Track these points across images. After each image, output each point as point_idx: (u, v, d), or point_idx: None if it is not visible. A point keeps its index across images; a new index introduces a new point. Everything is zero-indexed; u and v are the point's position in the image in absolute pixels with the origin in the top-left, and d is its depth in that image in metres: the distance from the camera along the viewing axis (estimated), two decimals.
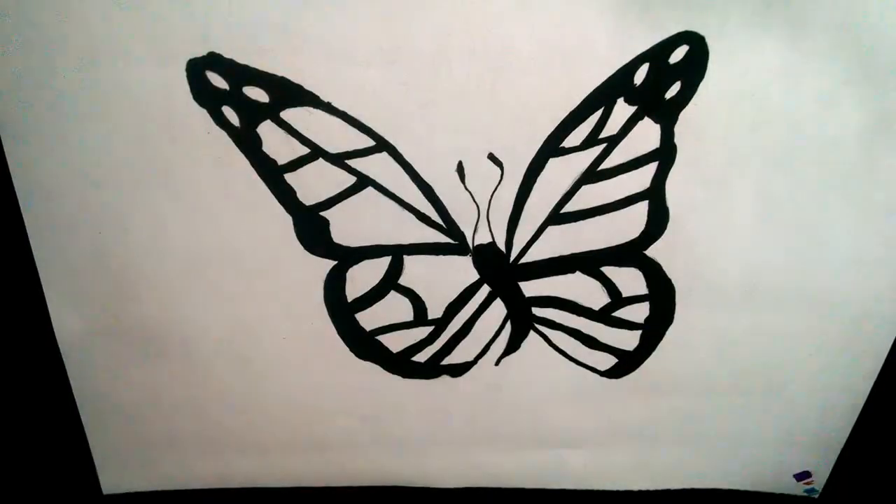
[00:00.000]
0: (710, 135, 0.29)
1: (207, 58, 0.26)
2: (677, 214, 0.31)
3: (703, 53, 0.27)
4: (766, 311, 0.33)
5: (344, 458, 0.36)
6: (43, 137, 0.27)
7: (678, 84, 0.28)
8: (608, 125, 0.29)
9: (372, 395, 0.34)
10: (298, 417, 0.34)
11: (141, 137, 0.27)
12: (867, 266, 0.32)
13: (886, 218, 0.30)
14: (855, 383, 0.35)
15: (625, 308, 0.33)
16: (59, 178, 0.28)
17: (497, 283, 0.32)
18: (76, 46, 0.25)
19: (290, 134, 0.28)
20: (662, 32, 0.27)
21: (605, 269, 0.32)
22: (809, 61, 0.28)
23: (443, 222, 0.30)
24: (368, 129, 0.28)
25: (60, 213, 0.28)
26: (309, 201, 0.29)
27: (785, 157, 0.29)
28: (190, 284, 0.30)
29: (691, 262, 0.32)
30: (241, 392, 0.33)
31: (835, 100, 0.28)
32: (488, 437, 0.36)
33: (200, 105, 0.27)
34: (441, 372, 0.34)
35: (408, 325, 0.33)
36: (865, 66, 0.28)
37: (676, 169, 0.30)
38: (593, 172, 0.30)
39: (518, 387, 0.35)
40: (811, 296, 0.32)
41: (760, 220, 0.31)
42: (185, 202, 0.29)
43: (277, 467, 0.36)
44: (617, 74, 0.28)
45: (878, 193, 0.30)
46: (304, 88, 0.27)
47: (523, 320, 0.33)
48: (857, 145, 0.29)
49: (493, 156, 0.29)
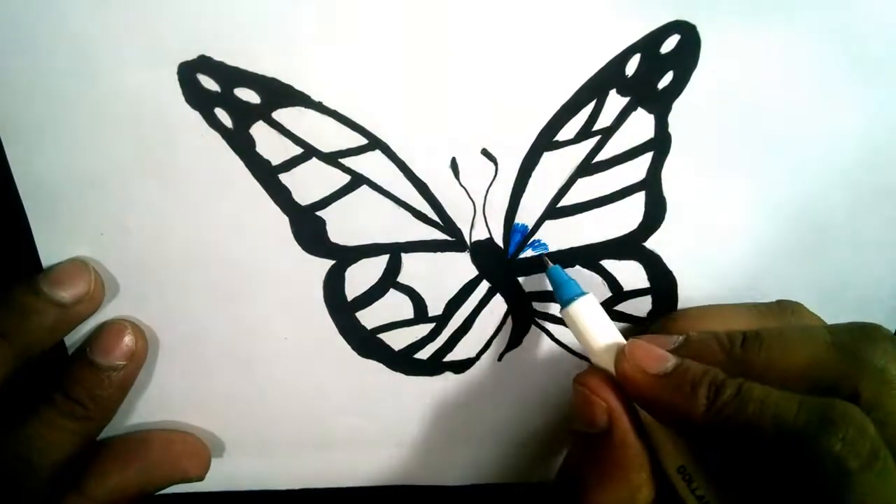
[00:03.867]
0: (705, 123, 0.29)
1: (198, 60, 0.26)
2: (675, 204, 0.30)
3: (695, 42, 0.27)
4: (768, 299, 0.32)
5: (349, 458, 0.36)
6: (44, 141, 0.27)
7: (670, 74, 0.28)
8: (601, 117, 0.29)
9: (375, 394, 0.34)
10: (302, 417, 0.34)
11: (139, 139, 0.28)
12: (867, 251, 0.31)
13: (886, 202, 0.30)
14: None
15: (627, 302, 0.33)
16: (61, 180, 0.28)
17: (496, 279, 0.32)
18: (70, 51, 0.26)
19: (282, 134, 0.28)
20: (653, 22, 0.27)
21: (604, 262, 0.32)
22: (804, 46, 0.27)
23: (439, 219, 0.30)
24: (360, 127, 0.28)
25: (63, 215, 0.29)
26: (304, 201, 0.29)
27: (781, 143, 0.29)
28: (191, 285, 0.31)
29: (691, 253, 0.32)
30: (243, 393, 0.33)
31: (831, 85, 0.28)
32: (493, 433, 0.36)
33: (193, 107, 0.27)
34: (444, 369, 0.34)
35: (408, 322, 0.33)
36: (862, 50, 0.28)
37: (672, 159, 0.29)
38: (588, 165, 0.30)
39: (522, 382, 0.35)
40: (812, 282, 0.32)
41: (759, 208, 0.30)
42: (184, 203, 0.29)
43: (283, 468, 0.36)
44: (608, 66, 0.28)
45: (877, 178, 0.30)
46: (295, 88, 0.27)
47: (524, 315, 0.33)
48: (854, 130, 0.29)
49: (486, 151, 0.29)
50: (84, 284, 0.28)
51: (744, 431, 0.24)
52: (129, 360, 0.30)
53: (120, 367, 0.30)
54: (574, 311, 0.29)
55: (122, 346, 0.30)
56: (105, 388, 0.29)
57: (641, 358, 0.27)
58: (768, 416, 0.24)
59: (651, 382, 0.26)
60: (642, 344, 0.27)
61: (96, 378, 0.29)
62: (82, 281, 0.28)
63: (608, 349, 0.28)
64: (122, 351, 0.30)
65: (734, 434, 0.24)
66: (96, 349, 0.30)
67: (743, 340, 0.27)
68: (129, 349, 0.30)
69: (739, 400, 0.24)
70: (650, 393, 0.26)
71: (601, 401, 0.28)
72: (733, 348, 0.27)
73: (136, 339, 0.30)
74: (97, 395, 0.29)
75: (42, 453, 0.28)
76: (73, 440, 0.29)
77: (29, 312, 0.28)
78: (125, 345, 0.30)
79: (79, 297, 0.28)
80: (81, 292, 0.28)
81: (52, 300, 0.28)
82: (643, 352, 0.27)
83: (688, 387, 0.25)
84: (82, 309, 0.29)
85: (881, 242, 0.31)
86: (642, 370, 0.26)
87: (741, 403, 0.24)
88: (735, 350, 0.27)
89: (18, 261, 0.29)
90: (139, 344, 0.30)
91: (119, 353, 0.30)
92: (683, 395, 0.25)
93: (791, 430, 0.23)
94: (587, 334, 0.29)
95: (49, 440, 0.28)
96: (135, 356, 0.30)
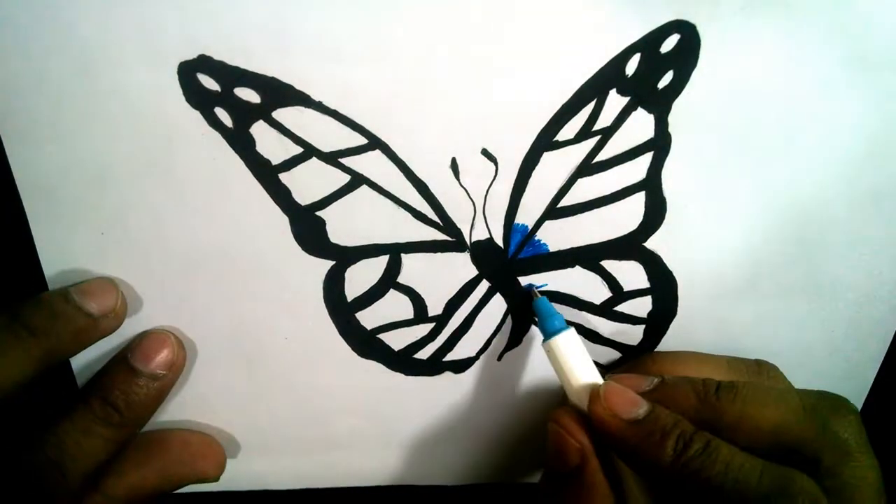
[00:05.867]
0: (705, 123, 0.29)
1: (198, 60, 0.26)
2: (675, 205, 0.30)
3: (695, 42, 0.27)
4: (769, 299, 0.32)
5: (349, 458, 0.36)
6: (44, 141, 0.27)
7: (670, 73, 0.28)
8: (601, 117, 0.29)
9: (376, 394, 0.34)
10: (303, 418, 0.34)
11: (139, 140, 0.28)
12: (869, 249, 0.31)
13: (885, 202, 0.30)
14: (860, 368, 0.35)
15: (627, 302, 0.33)
16: (61, 180, 0.28)
17: (496, 279, 0.32)
18: (70, 51, 0.26)
19: (282, 134, 0.28)
20: (653, 22, 0.27)
21: (605, 262, 0.32)
22: (804, 46, 0.27)
23: (439, 220, 0.30)
24: (360, 126, 0.28)
25: (63, 215, 0.29)
26: (304, 201, 0.29)
27: (782, 142, 0.29)
28: (190, 285, 0.31)
29: (692, 253, 0.31)
30: (244, 393, 0.33)
31: (831, 84, 0.28)
32: (493, 433, 0.36)
33: (193, 107, 0.27)
34: (443, 369, 0.34)
35: (408, 322, 0.33)
36: (862, 49, 0.28)
37: (672, 159, 0.29)
38: (588, 165, 0.30)
39: (521, 381, 0.35)
40: (813, 281, 0.32)
41: (759, 207, 0.30)
42: (185, 203, 0.29)
43: (283, 468, 0.36)
44: (608, 65, 0.28)
45: (878, 176, 0.30)
46: (295, 88, 0.27)
47: (524, 315, 0.33)
48: (854, 129, 0.29)
49: (486, 151, 0.29)
50: (112, 299, 0.29)
51: (706, 488, 0.25)
52: (169, 370, 0.30)
53: (160, 376, 0.30)
54: (554, 345, 0.30)
55: (163, 354, 0.30)
56: (142, 395, 0.30)
57: (614, 402, 0.27)
58: (731, 479, 0.25)
59: (622, 427, 0.27)
60: (616, 387, 0.28)
61: (135, 384, 0.30)
62: (111, 296, 0.29)
63: (584, 388, 0.29)
64: (163, 360, 0.30)
65: (697, 488, 0.25)
66: (138, 355, 0.30)
67: (717, 388, 0.27)
68: (169, 359, 0.30)
69: (706, 456, 0.25)
70: (620, 437, 0.27)
71: (575, 443, 0.28)
72: (707, 395, 0.27)
73: (178, 350, 0.31)
74: (134, 401, 0.30)
75: (75, 459, 0.29)
76: (107, 447, 0.30)
77: (59, 316, 0.28)
78: (166, 355, 0.30)
79: (106, 311, 0.29)
80: (109, 307, 0.29)
81: (82, 309, 0.28)
82: (617, 395, 0.27)
83: (657, 435, 0.26)
84: (107, 324, 0.29)
85: (881, 242, 0.31)
86: (614, 414, 0.27)
87: (707, 460, 0.25)
88: (709, 397, 0.27)
89: (18, 261, 0.29)
90: (179, 355, 0.31)
91: (160, 361, 0.30)
92: (652, 444, 0.26)
93: (751, 497, 0.24)
94: (565, 370, 0.29)
95: (83, 446, 0.29)
96: (174, 367, 0.31)
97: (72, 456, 0.28)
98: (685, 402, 0.27)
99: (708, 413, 0.27)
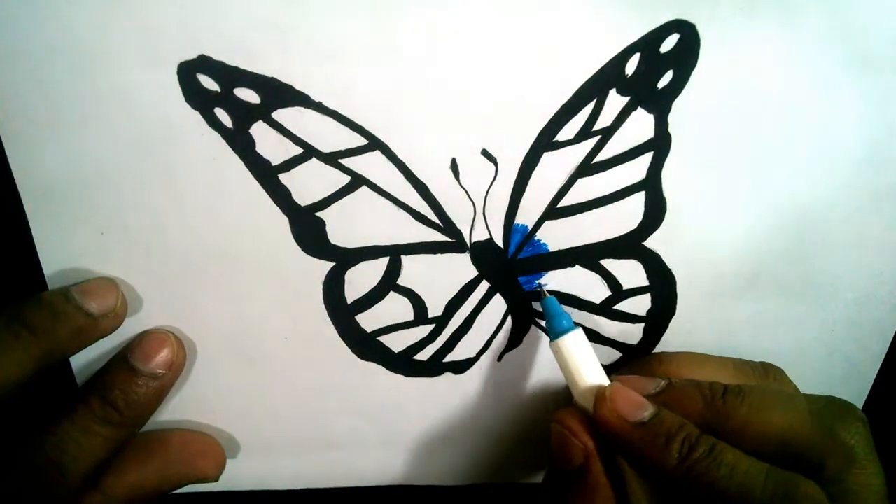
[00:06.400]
0: (705, 123, 0.29)
1: (198, 60, 0.26)
2: (674, 204, 0.30)
3: (695, 42, 0.27)
4: (769, 298, 0.32)
5: (349, 458, 0.36)
6: (44, 141, 0.27)
7: (670, 73, 0.28)
8: (601, 117, 0.29)
9: (376, 395, 0.34)
10: (303, 418, 0.34)
11: (139, 140, 0.28)
12: (868, 248, 0.31)
13: (885, 202, 0.30)
14: (860, 368, 0.35)
15: (626, 301, 0.33)
16: (61, 180, 0.28)
17: (496, 280, 0.32)
18: (70, 51, 0.26)
19: (282, 134, 0.28)
20: (653, 21, 0.27)
21: (604, 262, 0.32)
22: (803, 46, 0.27)
23: (439, 220, 0.30)
24: (360, 127, 0.28)
25: (63, 215, 0.29)
26: (304, 202, 0.29)
27: (781, 142, 0.29)
28: (190, 285, 0.31)
29: (691, 252, 0.31)
30: (244, 393, 0.33)
31: (831, 84, 0.28)
32: (493, 433, 0.36)
33: (193, 107, 0.27)
34: (444, 370, 0.34)
35: (408, 324, 0.33)
36: (861, 48, 0.28)
37: (672, 158, 0.29)
38: (588, 165, 0.30)
39: (521, 381, 0.35)
40: (813, 281, 0.32)
41: (759, 207, 0.30)
42: (185, 203, 0.29)
43: (283, 468, 0.36)
44: (608, 65, 0.28)
45: (877, 176, 0.30)
46: (295, 88, 0.27)
47: (524, 315, 0.33)
48: (854, 129, 0.29)
49: (486, 152, 0.29)
50: (112, 300, 0.29)
51: (710, 492, 0.25)
52: (169, 369, 0.30)
53: (160, 375, 0.30)
54: (562, 345, 0.30)
55: (163, 354, 0.30)
56: (142, 394, 0.30)
57: (620, 404, 0.27)
58: (735, 483, 0.25)
59: (627, 429, 0.27)
60: (622, 389, 0.28)
61: (134, 384, 0.30)
62: (111, 296, 0.29)
63: (590, 389, 0.29)
64: (163, 359, 0.30)
65: (701, 491, 0.25)
66: (137, 355, 0.30)
67: (724, 392, 0.27)
68: (169, 359, 0.30)
69: (711, 460, 0.25)
70: (625, 439, 0.27)
71: (579, 444, 0.28)
72: (714, 399, 0.27)
73: (177, 349, 0.31)
74: (133, 400, 0.30)
75: (75, 459, 0.29)
76: (107, 447, 0.30)
77: (59, 315, 0.28)
78: (166, 354, 0.30)
79: (106, 311, 0.29)
80: (109, 307, 0.29)
81: (82, 308, 0.28)
82: (623, 397, 0.27)
83: (662, 438, 0.26)
84: (107, 324, 0.29)
85: (881, 242, 0.31)
86: (620, 416, 0.27)
87: (711, 464, 0.25)
88: (716, 401, 0.27)
89: (18, 261, 0.29)
90: (179, 355, 0.31)
91: (159, 361, 0.30)
92: (657, 447, 0.26)
93: (756, 501, 0.24)
94: (572, 370, 0.30)
95: (83, 445, 0.29)
96: (174, 367, 0.31)
97: (71, 455, 0.28)
98: (691, 406, 0.27)
99: (714, 417, 0.27)
